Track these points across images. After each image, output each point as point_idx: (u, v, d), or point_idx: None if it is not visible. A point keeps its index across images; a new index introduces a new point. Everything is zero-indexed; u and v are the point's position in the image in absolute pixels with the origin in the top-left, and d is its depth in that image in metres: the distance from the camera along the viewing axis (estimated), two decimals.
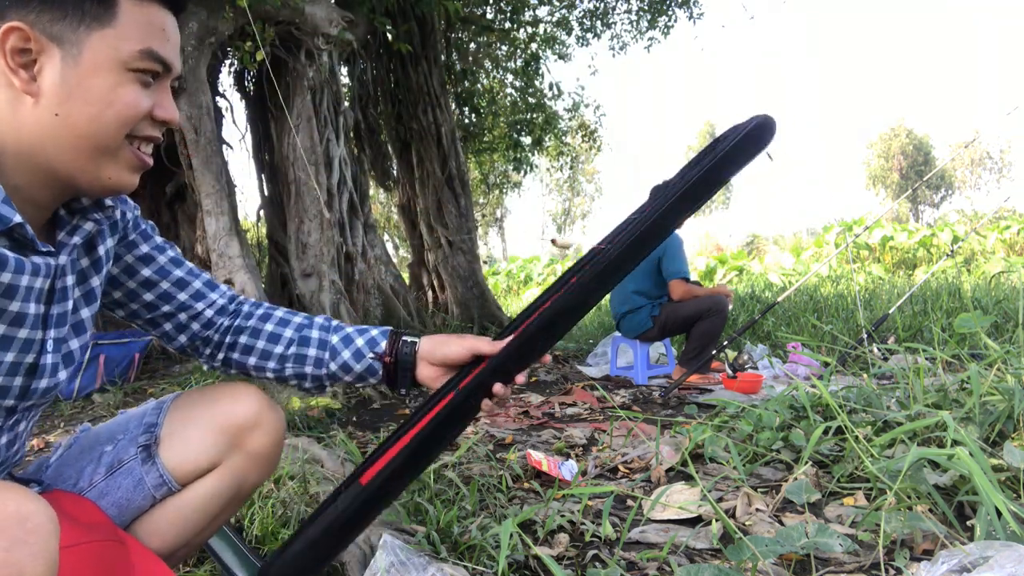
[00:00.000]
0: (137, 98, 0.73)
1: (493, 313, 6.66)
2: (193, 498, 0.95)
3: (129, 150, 0.75)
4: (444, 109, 6.27)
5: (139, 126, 0.75)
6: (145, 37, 0.72)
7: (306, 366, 1.01)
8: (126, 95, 0.72)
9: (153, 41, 0.73)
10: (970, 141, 4.61)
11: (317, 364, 1.01)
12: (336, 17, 4.26)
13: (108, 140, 0.72)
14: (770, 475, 1.80)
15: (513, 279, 17.73)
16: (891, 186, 39.15)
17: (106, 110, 0.71)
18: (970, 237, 12.11)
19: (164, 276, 0.96)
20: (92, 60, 0.69)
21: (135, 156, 0.76)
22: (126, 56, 0.71)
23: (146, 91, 0.74)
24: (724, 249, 19.04)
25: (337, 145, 4.64)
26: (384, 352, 1.00)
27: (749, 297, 6.90)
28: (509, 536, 1.13)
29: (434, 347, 0.99)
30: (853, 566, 1.22)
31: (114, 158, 0.74)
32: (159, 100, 0.76)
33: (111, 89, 0.71)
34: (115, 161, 0.74)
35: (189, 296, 0.98)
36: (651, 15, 7.94)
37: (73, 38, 0.69)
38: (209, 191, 3.81)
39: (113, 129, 0.72)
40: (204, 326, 1.01)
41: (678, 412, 2.91)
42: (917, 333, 4.44)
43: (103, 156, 0.73)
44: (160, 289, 0.96)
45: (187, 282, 0.98)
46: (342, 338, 1.02)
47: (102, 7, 0.70)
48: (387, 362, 1.00)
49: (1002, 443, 1.59)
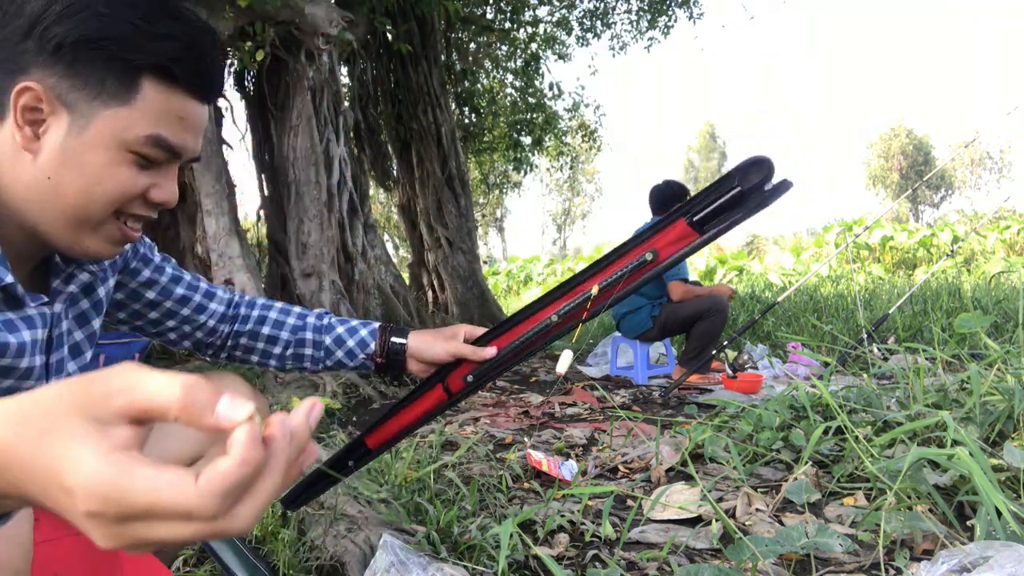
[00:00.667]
0: (128, 180, 0.72)
1: (493, 313, 6.65)
2: None
3: (115, 225, 0.74)
4: (444, 109, 6.27)
5: (130, 204, 0.74)
6: (157, 123, 0.71)
7: (304, 363, 1.09)
8: (118, 175, 0.71)
9: (165, 128, 0.71)
10: (970, 141, 4.60)
11: (314, 362, 1.09)
12: (336, 17, 4.26)
13: (93, 214, 0.72)
14: (770, 475, 1.80)
15: (513, 279, 17.73)
16: (891, 186, 39.16)
17: (96, 186, 0.70)
18: (970, 237, 12.11)
19: (167, 296, 0.99)
20: (97, 134, 0.69)
21: (119, 231, 0.75)
22: (130, 138, 0.70)
23: (144, 172, 0.73)
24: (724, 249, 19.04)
25: (337, 145, 4.64)
26: (375, 353, 1.07)
27: (749, 297, 6.90)
28: (509, 536, 1.13)
29: (421, 348, 1.05)
30: (853, 566, 1.22)
31: (96, 231, 0.73)
32: (159, 181, 0.75)
33: (105, 166, 0.70)
34: (96, 234, 0.73)
35: (192, 311, 1.02)
36: (651, 15, 7.94)
37: (85, 109, 0.68)
38: (209, 191, 3.81)
39: (99, 205, 0.71)
40: (207, 334, 1.05)
41: (678, 412, 2.91)
42: (917, 333, 4.44)
43: (85, 227, 0.72)
44: (164, 308, 0.99)
45: (188, 298, 1.01)
46: (334, 339, 1.08)
47: (123, 87, 0.69)
48: (378, 362, 1.07)
49: (1002, 443, 1.59)
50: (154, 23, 0.69)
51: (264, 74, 4.50)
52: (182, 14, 0.72)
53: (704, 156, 43.65)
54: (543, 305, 0.98)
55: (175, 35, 0.70)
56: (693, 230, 0.85)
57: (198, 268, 4.48)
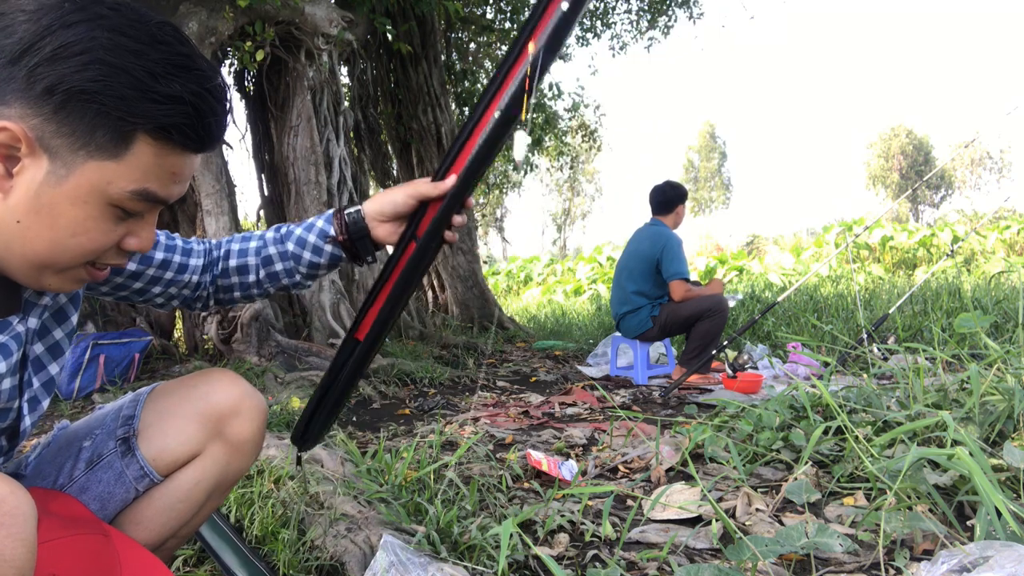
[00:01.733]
0: (105, 234, 0.67)
1: (493, 313, 6.66)
2: (176, 488, 0.94)
3: (83, 269, 0.70)
4: (444, 109, 6.27)
5: (104, 256, 0.70)
6: (147, 179, 0.66)
7: (282, 280, 1.04)
8: (94, 230, 0.66)
9: (155, 183, 0.66)
10: (970, 141, 4.60)
11: (289, 274, 1.04)
12: (336, 17, 4.26)
13: (61, 264, 0.67)
14: (770, 475, 1.80)
15: (513, 279, 17.73)
16: (891, 186, 39.17)
17: (68, 239, 0.65)
18: (970, 237, 12.11)
19: (148, 264, 0.96)
20: (76, 187, 0.63)
21: (88, 272, 0.71)
22: (114, 193, 0.64)
23: (122, 223, 0.68)
24: (724, 249, 19.03)
25: (337, 145, 4.64)
26: (337, 233, 1.01)
27: (749, 297, 6.90)
28: (509, 536, 1.13)
29: (380, 205, 0.98)
30: (853, 566, 1.22)
31: (60, 274, 0.69)
32: (136, 229, 0.70)
33: (81, 221, 0.65)
34: (60, 276, 0.69)
35: (175, 272, 0.99)
36: (651, 15, 7.95)
37: (68, 158, 0.62)
38: (209, 191, 3.81)
39: (69, 257, 0.67)
40: (192, 290, 1.03)
41: (678, 412, 2.91)
42: (917, 333, 4.44)
43: (49, 272, 0.68)
44: (147, 276, 0.96)
45: (169, 261, 0.98)
46: (296, 242, 1.02)
47: (114, 142, 0.63)
48: (342, 240, 1.00)
49: (1002, 443, 1.59)
50: (160, 80, 0.63)
51: (264, 74, 4.50)
52: (193, 64, 0.65)
53: (704, 156, 43.64)
54: (484, 108, 0.91)
55: (181, 97, 0.64)
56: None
57: None
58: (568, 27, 0.86)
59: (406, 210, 0.97)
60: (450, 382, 3.90)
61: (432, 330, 5.52)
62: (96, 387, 3.63)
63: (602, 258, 16.41)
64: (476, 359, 4.72)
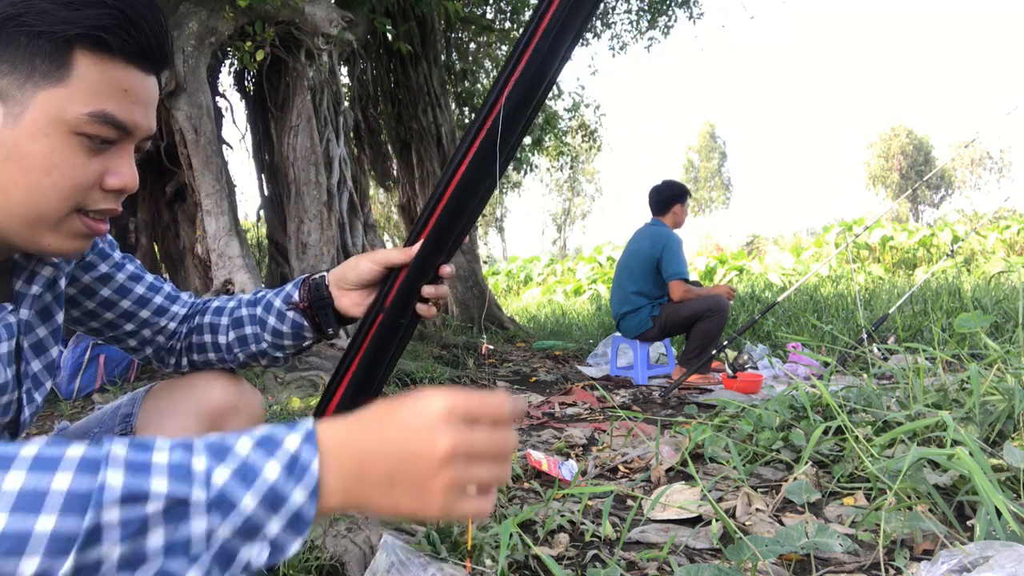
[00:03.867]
0: (78, 166, 0.64)
1: (493, 313, 6.66)
2: None
3: (77, 220, 0.67)
4: (444, 109, 6.27)
5: (89, 198, 0.67)
6: (100, 98, 0.63)
7: (250, 345, 0.98)
8: (64, 163, 0.63)
9: (110, 103, 0.64)
10: (970, 141, 4.60)
11: (256, 340, 0.97)
12: (336, 17, 4.26)
13: (46, 211, 0.65)
14: (770, 475, 1.80)
15: (513, 279, 17.73)
16: (891, 186, 39.17)
17: (42, 179, 0.63)
18: (970, 237, 12.11)
19: (124, 295, 0.92)
20: (33, 121, 0.62)
21: (84, 225, 0.68)
22: (72, 119, 0.63)
23: (95, 157, 0.66)
24: (724, 249, 19.04)
25: (337, 145, 4.64)
26: (300, 299, 0.94)
27: (749, 297, 6.90)
28: (509, 536, 1.13)
29: (344, 272, 0.91)
30: (853, 566, 1.22)
31: (56, 229, 0.67)
32: (114, 166, 0.67)
33: (48, 155, 0.63)
34: (57, 231, 0.67)
35: (152, 313, 0.95)
36: (651, 15, 7.95)
37: (18, 95, 0.61)
38: (209, 191, 3.81)
39: (52, 200, 0.64)
40: (168, 337, 0.98)
41: (678, 412, 2.91)
42: (917, 333, 4.44)
43: (43, 225, 0.66)
44: (120, 308, 0.92)
45: (147, 299, 0.94)
46: (264, 306, 0.97)
47: (54, 64, 0.62)
48: (304, 308, 0.93)
49: (1002, 443, 1.59)
50: None
51: (264, 74, 4.50)
52: None
53: (704, 156, 43.65)
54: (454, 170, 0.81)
55: (103, 1, 0.63)
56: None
57: (198, 268, 4.48)
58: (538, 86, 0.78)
59: (371, 278, 0.88)
60: (450, 382, 3.90)
61: (432, 330, 5.53)
62: (96, 387, 3.63)
63: (602, 258, 16.42)
64: (476, 359, 4.73)
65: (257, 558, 0.45)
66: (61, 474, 0.40)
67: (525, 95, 0.77)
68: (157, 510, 0.41)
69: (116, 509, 0.40)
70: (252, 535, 0.44)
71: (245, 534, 0.44)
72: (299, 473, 0.45)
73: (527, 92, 0.77)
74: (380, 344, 0.84)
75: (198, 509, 0.42)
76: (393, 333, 0.84)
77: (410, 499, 0.47)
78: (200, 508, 0.42)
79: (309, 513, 0.45)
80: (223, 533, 0.43)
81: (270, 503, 0.44)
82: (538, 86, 0.78)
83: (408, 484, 0.47)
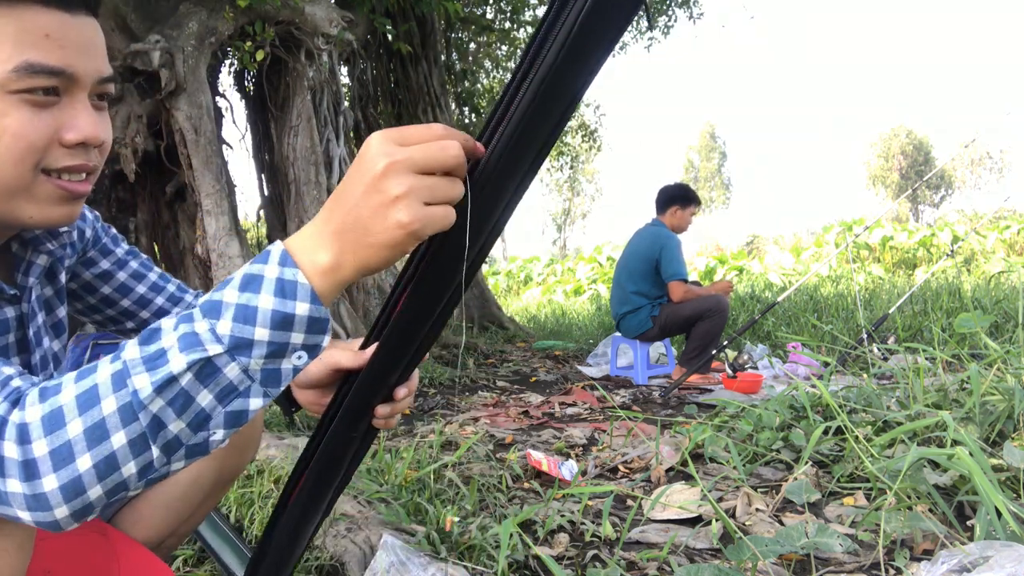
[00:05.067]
0: (25, 125, 0.61)
1: (493, 313, 6.66)
2: (174, 487, 0.94)
3: (49, 183, 0.64)
4: (444, 109, 6.27)
5: (51, 156, 0.63)
6: (21, 49, 0.59)
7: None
8: (11, 124, 0.60)
9: (32, 52, 0.60)
10: (970, 141, 4.60)
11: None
12: (336, 17, 4.26)
13: (9, 179, 0.62)
14: (770, 475, 1.80)
15: (513, 279, 17.73)
16: (891, 186, 39.16)
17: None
18: (970, 237, 12.11)
19: (124, 294, 0.91)
20: None
21: (59, 188, 0.65)
22: (1, 79, 0.59)
23: (43, 112, 0.62)
24: (724, 249, 19.04)
25: (337, 145, 4.64)
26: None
27: (749, 297, 6.90)
28: (509, 536, 1.13)
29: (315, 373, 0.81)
30: (853, 566, 1.22)
31: (30, 195, 0.64)
32: (67, 119, 0.63)
33: None
34: (32, 198, 0.64)
35: (151, 314, 0.94)
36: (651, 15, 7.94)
37: None
38: (209, 191, 3.81)
39: (10, 166, 0.61)
40: None
41: (678, 412, 2.91)
42: (917, 333, 4.44)
43: (14, 196, 0.63)
44: (120, 307, 0.92)
45: (148, 300, 0.93)
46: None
47: None
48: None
49: (1002, 443, 1.59)
50: None
51: (264, 74, 4.50)
52: None
53: (704, 156, 43.64)
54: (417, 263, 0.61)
55: None
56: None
57: (198, 268, 4.48)
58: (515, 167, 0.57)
59: (323, 379, 0.76)
60: (450, 382, 3.90)
61: None
62: None
63: (602, 258, 16.42)
64: (476, 359, 4.72)
65: (299, 362, 0.53)
66: (105, 400, 0.48)
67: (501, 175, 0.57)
68: (190, 379, 0.49)
69: (157, 399, 0.48)
70: (283, 353, 0.51)
71: (275, 355, 0.51)
72: (291, 291, 0.50)
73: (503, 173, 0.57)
74: (329, 457, 0.71)
75: (222, 360, 0.49)
76: (339, 443, 0.70)
77: (382, 231, 0.50)
78: (224, 359, 0.49)
79: (320, 313, 0.52)
80: (256, 365, 0.51)
81: (281, 325, 0.50)
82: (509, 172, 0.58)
83: (373, 218, 0.50)
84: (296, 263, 0.51)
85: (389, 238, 0.51)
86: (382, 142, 0.51)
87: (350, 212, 0.51)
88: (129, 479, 0.49)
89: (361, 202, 0.51)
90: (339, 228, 0.52)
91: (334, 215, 0.52)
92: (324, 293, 0.52)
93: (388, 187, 0.50)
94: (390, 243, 0.51)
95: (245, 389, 0.51)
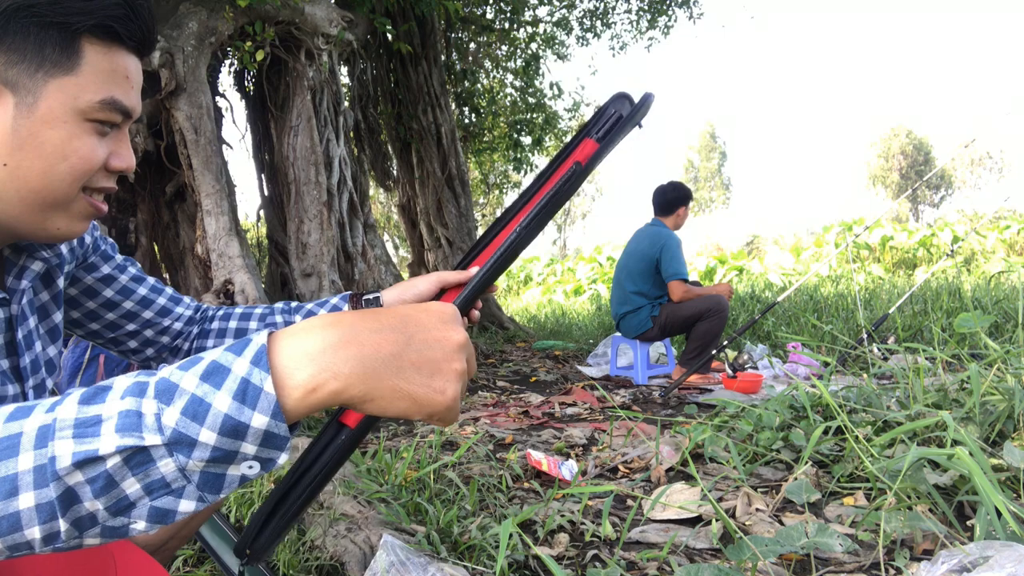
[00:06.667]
0: (93, 150, 0.68)
1: (493, 313, 6.66)
2: None
3: (84, 200, 0.70)
4: (444, 109, 6.27)
5: (94, 178, 0.70)
6: (108, 86, 0.67)
7: None
8: (82, 148, 0.66)
9: (116, 89, 0.67)
10: (970, 141, 4.61)
11: None
12: (336, 17, 4.26)
13: (60, 194, 0.67)
14: (770, 475, 1.80)
15: (513, 279, 17.73)
16: (891, 186, 39.16)
17: (59, 164, 0.66)
18: (970, 237, 12.12)
19: (127, 296, 0.94)
20: (48, 110, 0.64)
21: (91, 205, 0.71)
22: (85, 107, 0.65)
23: (103, 140, 0.69)
24: (724, 249, 19.04)
25: (337, 145, 4.64)
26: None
27: (749, 297, 6.90)
28: (509, 536, 1.13)
29: (401, 293, 0.94)
30: (853, 566, 1.22)
31: (67, 210, 0.69)
32: (116, 149, 0.71)
33: (66, 142, 0.65)
34: (66, 212, 0.70)
35: (155, 314, 0.97)
36: (651, 15, 7.96)
37: (30, 85, 0.63)
38: (209, 191, 3.81)
39: (67, 184, 0.67)
40: (173, 337, 1.00)
41: (678, 412, 2.91)
42: (917, 333, 4.44)
43: (53, 209, 0.68)
44: (123, 309, 0.94)
45: (150, 300, 0.96)
46: (305, 316, 0.97)
47: (64, 54, 0.64)
48: None
49: (1002, 443, 1.59)
50: None
51: (264, 74, 4.50)
52: None
53: (704, 156, 43.63)
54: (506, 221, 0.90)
55: None
56: (596, 143, 0.88)
57: (198, 268, 4.48)
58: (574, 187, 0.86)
59: (428, 297, 0.93)
60: None
61: None
62: None
63: (602, 258, 16.42)
64: (476, 359, 4.72)
65: (249, 472, 0.46)
66: (23, 455, 0.42)
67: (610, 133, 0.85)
68: (116, 463, 0.42)
69: (76, 473, 0.42)
70: (229, 460, 0.44)
71: (220, 461, 0.44)
72: (252, 397, 0.43)
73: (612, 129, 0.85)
74: None
75: (159, 452, 0.42)
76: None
77: (420, 384, 0.48)
78: (160, 451, 0.42)
79: (279, 430, 0.44)
80: (195, 466, 0.43)
81: (231, 433, 0.43)
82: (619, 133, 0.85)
83: (420, 366, 0.48)
84: (270, 365, 0.44)
85: (422, 395, 0.48)
86: (455, 316, 0.53)
87: (393, 344, 0.48)
88: (33, 542, 0.43)
89: (418, 346, 0.48)
90: (360, 352, 0.46)
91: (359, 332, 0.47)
92: (292, 409, 0.45)
93: (458, 357, 0.50)
94: (416, 399, 0.48)
95: (178, 489, 0.44)
